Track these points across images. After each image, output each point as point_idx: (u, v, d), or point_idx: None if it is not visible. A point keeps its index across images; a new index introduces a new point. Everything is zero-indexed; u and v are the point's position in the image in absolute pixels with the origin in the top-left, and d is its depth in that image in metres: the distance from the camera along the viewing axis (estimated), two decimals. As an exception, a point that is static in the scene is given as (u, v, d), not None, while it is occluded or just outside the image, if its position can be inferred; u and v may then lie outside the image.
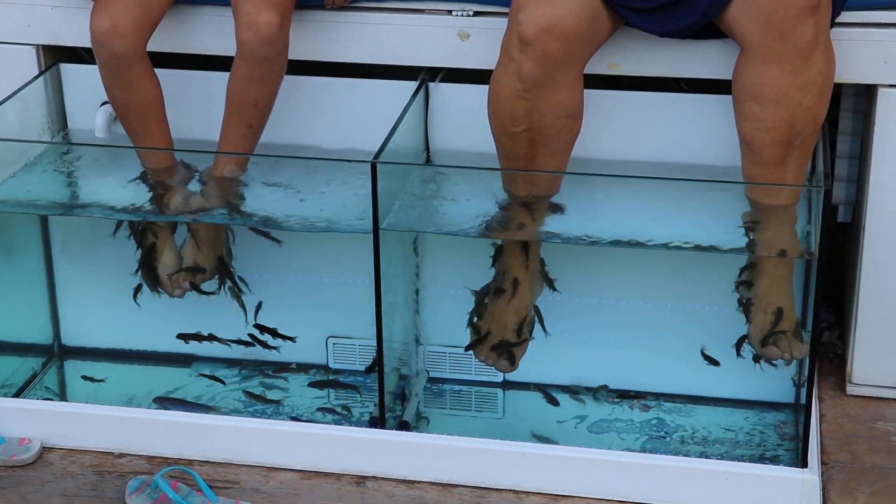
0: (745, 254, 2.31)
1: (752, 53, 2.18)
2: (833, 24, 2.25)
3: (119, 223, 2.54)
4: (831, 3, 2.19)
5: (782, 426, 2.45)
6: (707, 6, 2.21)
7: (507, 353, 2.40)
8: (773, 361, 2.35)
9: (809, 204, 2.32)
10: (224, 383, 2.58)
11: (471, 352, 2.44)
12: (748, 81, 2.19)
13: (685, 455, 2.35)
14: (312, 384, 2.58)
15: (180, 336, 2.60)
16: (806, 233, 2.30)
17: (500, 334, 2.41)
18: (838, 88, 2.50)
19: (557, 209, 2.34)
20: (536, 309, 2.42)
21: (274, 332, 2.58)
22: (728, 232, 2.29)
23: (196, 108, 2.53)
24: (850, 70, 2.33)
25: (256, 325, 2.58)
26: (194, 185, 2.49)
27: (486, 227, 2.33)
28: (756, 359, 2.37)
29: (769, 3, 2.14)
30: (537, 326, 2.42)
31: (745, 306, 2.35)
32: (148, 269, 2.54)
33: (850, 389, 2.55)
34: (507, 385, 2.57)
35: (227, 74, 2.44)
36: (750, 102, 2.20)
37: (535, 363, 2.47)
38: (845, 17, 2.29)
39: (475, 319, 2.43)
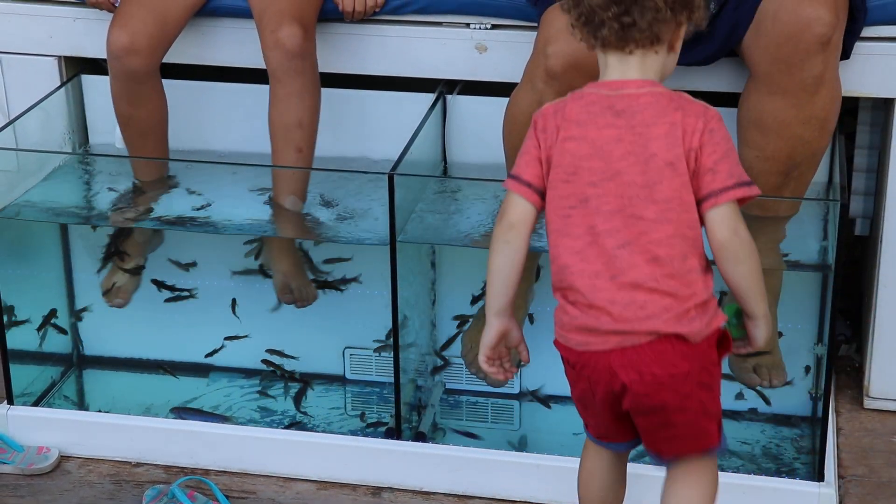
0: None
1: (760, 82, 2.19)
2: (847, 57, 2.25)
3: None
4: (841, 41, 2.19)
5: (799, 439, 2.45)
6: (725, 36, 2.22)
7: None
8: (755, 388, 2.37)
9: (826, 217, 2.32)
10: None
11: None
12: (753, 108, 2.20)
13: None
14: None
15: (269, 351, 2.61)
16: (822, 246, 2.30)
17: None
18: (855, 102, 2.50)
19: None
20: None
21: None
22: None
23: (210, 119, 2.54)
24: (868, 84, 2.33)
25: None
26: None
27: (485, 235, 2.33)
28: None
29: (780, 35, 2.14)
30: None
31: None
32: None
33: (868, 403, 2.54)
34: (522, 397, 2.57)
35: (243, 86, 2.46)
36: (752, 129, 2.20)
37: (546, 374, 2.48)
38: (863, 31, 2.29)
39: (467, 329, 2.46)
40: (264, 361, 2.61)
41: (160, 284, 2.59)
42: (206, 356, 2.62)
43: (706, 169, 1.76)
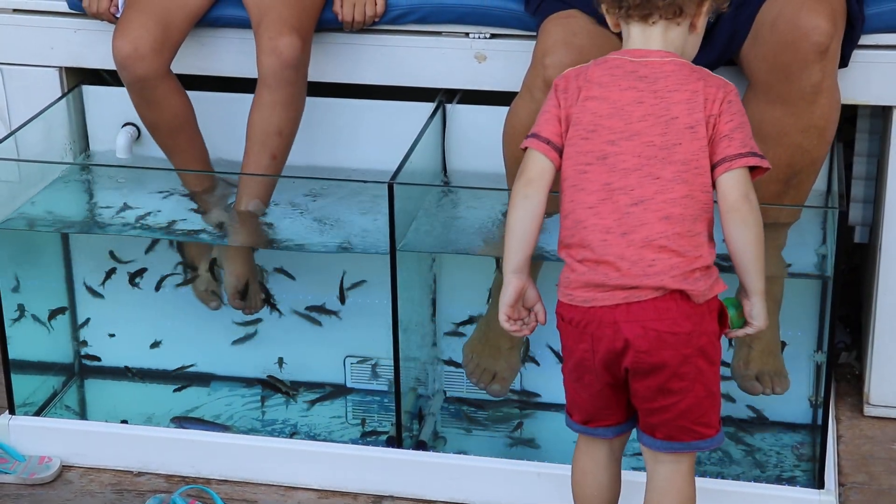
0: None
1: (758, 91, 2.20)
2: (845, 65, 2.25)
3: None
4: (840, 49, 2.19)
5: (799, 447, 2.45)
6: (724, 45, 2.22)
7: (497, 376, 2.42)
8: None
9: (825, 225, 2.33)
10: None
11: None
12: (752, 118, 2.19)
13: (702, 475, 2.34)
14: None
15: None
16: (821, 254, 2.30)
17: (491, 357, 2.42)
18: (854, 110, 2.50)
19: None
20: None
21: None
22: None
23: (213, 130, 2.55)
24: (866, 92, 2.33)
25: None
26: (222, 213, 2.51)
27: (485, 244, 2.34)
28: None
29: (777, 44, 2.14)
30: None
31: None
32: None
33: (868, 410, 2.54)
34: (523, 405, 2.57)
35: (245, 96, 2.46)
36: None
37: (548, 382, 2.48)
38: (861, 39, 2.29)
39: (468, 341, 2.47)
40: (269, 377, 2.61)
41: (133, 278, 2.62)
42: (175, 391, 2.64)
43: (722, 135, 1.85)
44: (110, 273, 2.61)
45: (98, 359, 2.68)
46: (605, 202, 1.84)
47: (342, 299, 2.54)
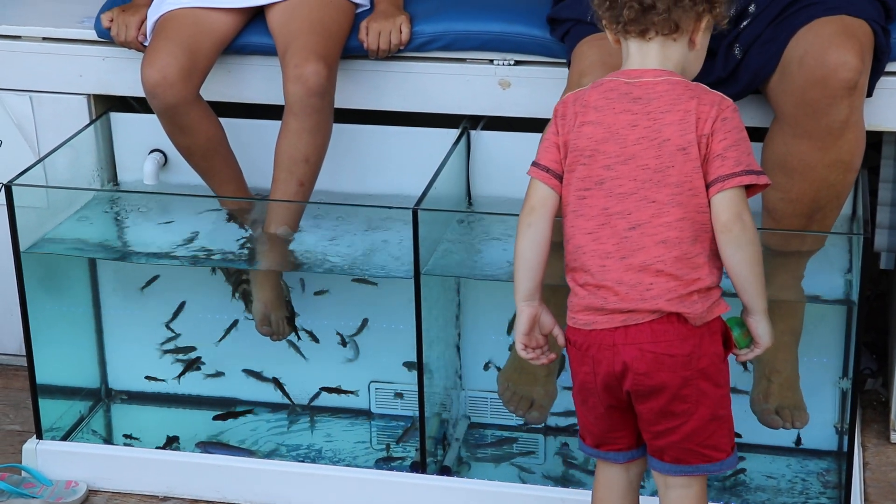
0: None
1: (785, 124, 2.18)
2: (870, 95, 2.24)
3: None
4: (867, 84, 2.16)
5: (825, 474, 2.43)
6: (749, 80, 2.21)
7: (535, 404, 2.42)
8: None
9: (850, 251, 2.32)
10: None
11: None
12: (778, 151, 2.19)
13: (726, 502, 2.34)
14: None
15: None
16: (847, 280, 2.29)
17: (528, 384, 2.42)
18: (879, 136, 2.50)
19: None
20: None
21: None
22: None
23: (240, 156, 2.56)
24: (892, 118, 2.32)
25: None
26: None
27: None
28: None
29: (806, 80, 2.12)
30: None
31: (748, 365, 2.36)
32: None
33: (895, 437, 2.53)
34: (548, 431, 2.57)
35: (270, 123, 2.48)
36: (777, 171, 2.19)
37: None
38: (887, 66, 2.29)
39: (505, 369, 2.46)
40: (274, 379, 2.62)
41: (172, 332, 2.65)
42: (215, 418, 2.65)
43: (715, 154, 1.84)
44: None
45: (124, 383, 2.70)
46: (604, 227, 1.86)
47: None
